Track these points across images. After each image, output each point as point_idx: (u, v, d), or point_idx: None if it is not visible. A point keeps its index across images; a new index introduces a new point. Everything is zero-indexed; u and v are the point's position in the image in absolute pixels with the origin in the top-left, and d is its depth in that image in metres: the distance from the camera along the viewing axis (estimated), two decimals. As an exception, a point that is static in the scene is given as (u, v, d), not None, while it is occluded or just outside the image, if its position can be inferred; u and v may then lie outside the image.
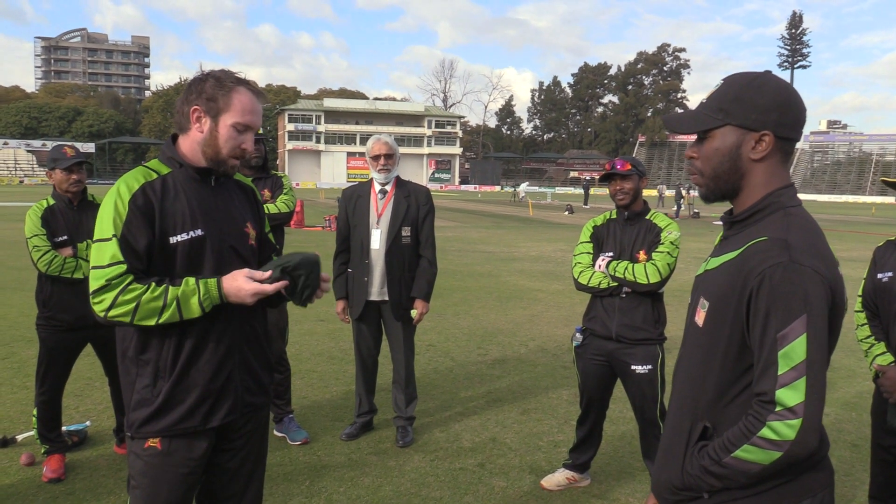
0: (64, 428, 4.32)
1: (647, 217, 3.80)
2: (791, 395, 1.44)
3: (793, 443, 1.43)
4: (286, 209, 4.55)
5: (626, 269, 3.66)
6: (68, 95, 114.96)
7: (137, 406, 2.17)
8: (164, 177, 2.19)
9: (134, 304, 2.03)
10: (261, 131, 4.48)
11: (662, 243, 3.68)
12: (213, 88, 2.16)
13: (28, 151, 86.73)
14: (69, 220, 4.07)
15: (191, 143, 2.22)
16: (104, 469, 4.14)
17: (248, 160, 4.52)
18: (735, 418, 1.56)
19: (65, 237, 4.02)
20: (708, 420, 1.62)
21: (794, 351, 1.44)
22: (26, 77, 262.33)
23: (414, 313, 4.54)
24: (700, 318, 1.67)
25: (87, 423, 4.69)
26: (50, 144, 59.42)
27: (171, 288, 2.07)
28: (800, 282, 1.46)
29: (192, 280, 2.10)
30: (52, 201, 4.10)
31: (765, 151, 1.60)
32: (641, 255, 3.70)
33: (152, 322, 2.06)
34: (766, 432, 1.45)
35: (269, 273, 2.14)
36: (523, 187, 60.08)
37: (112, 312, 2.04)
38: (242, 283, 2.11)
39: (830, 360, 1.51)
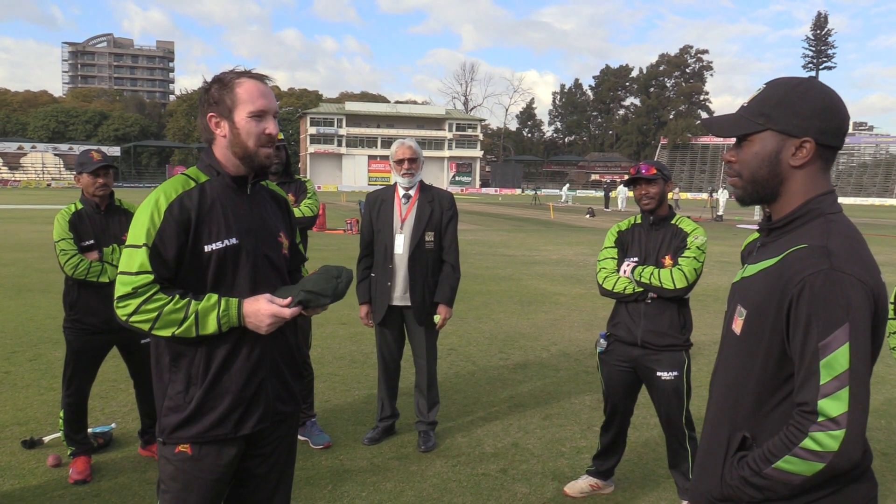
0: (90, 430, 4.37)
1: (673, 222, 3.76)
2: (834, 406, 1.41)
3: (836, 454, 1.41)
4: (310, 213, 4.57)
5: (651, 274, 3.62)
6: (94, 100, 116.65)
7: (169, 412, 2.19)
8: (202, 185, 2.21)
9: (156, 314, 2.06)
10: (281, 136, 4.50)
11: (689, 248, 3.64)
12: (217, 91, 2.20)
13: (55, 155, 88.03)
14: (96, 224, 4.12)
15: (222, 151, 2.24)
16: (129, 471, 4.17)
17: (270, 166, 4.53)
18: (775, 428, 1.54)
19: (91, 241, 4.07)
20: (747, 430, 1.60)
21: (837, 360, 1.42)
22: (54, 82, 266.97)
23: (437, 318, 4.53)
24: (737, 327, 1.64)
25: (113, 425, 4.73)
26: (77, 148, 60.42)
27: (193, 302, 2.09)
28: (841, 290, 1.44)
29: (214, 296, 2.12)
30: (79, 206, 4.15)
31: (805, 158, 1.59)
32: (667, 261, 3.66)
33: (168, 333, 2.09)
34: (808, 443, 1.43)
35: (289, 300, 2.15)
36: (565, 191, 59.52)
37: (134, 318, 2.08)
38: (262, 305, 2.12)
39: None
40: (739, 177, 1.67)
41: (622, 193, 44.49)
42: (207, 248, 2.14)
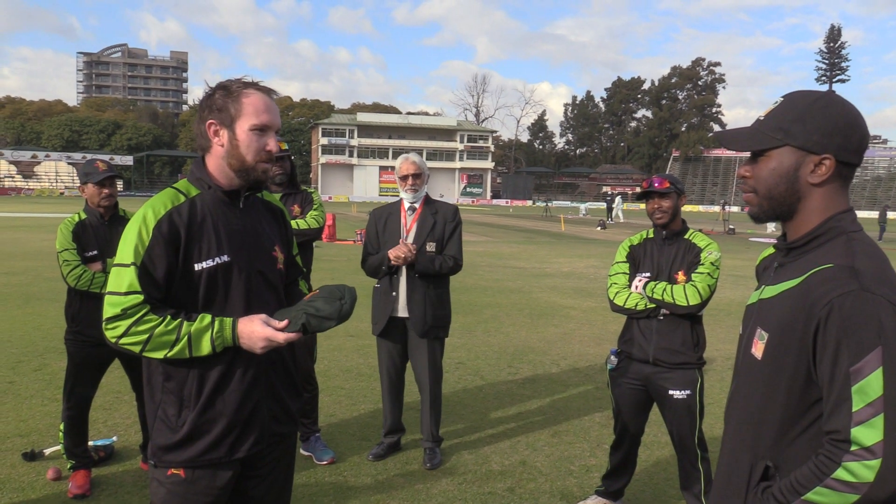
0: (91, 443, 4.31)
1: (686, 236, 3.67)
2: (868, 434, 1.33)
3: (872, 485, 1.32)
4: (316, 225, 4.51)
5: (664, 290, 3.53)
6: (108, 109, 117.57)
7: (161, 434, 2.11)
8: (193, 199, 2.12)
9: (146, 336, 1.99)
10: (285, 146, 4.44)
11: (702, 264, 3.55)
12: (222, 99, 2.11)
13: (69, 164, 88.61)
14: (100, 234, 4.07)
15: (216, 161, 2.15)
16: (129, 485, 4.10)
17: (273, 177, 4.48)
18: (801, 457, 1.46)
19: (95, 252, 4.02)
20: (770, 458, 1.52)
21: (870, 386, 1.34)
22: (69, 91, 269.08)
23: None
24: (758, 351, 1.56)
25: (114, 438, 4.67)
26: (90, 156, 60.79)
27: (185, 323, 2.02)
28: (873, 311, 1.36)
29: (208, 317, 2.04)
30: (83, 216, 4.10)
31: (825, 175, 1.52)
32: (680, 276, 3.57)
33: (161, 355, 2.01)
34: (841, 473, 1.34)
35: (285, 323, 2.06)
36: (583, 208, 58.62)
37: (124, 340, 2.00)
38: (257, 327, 2.03)
39: None
40: (755, 192, 1.60)
41: (618, 205, 45.66)
42: (198, 267, 2.06)
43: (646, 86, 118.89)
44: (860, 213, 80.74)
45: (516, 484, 4.26)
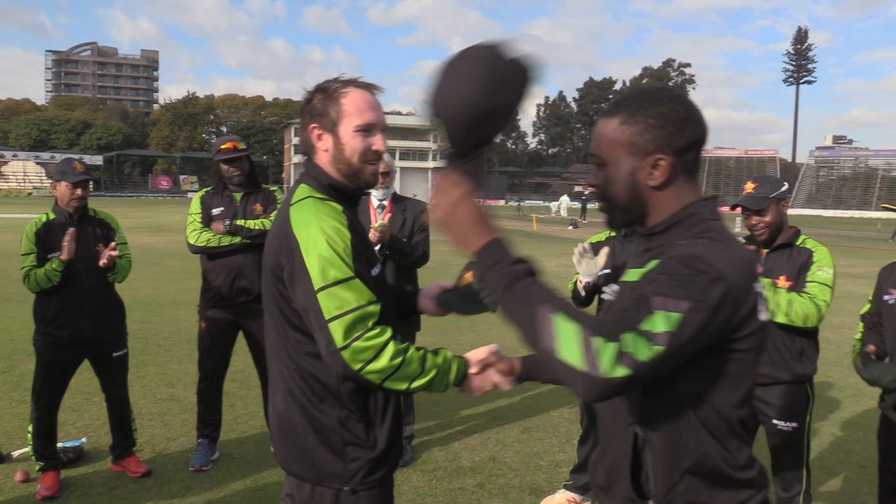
0: (59, 444, 4.29)
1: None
2: (658, 323, 1.29)
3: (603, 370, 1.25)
4: None
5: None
6: (77, 108, 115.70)
7: (352, 457, 1.91)
8: (342, 208, 1.97)
9: (399, 360, 1.80)
10: (242, 146, 4.45)
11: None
12: (321, 102, 2.00)
13: (37, 163, 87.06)
14: (68, 234, 4.04)
15: (325, 167, 2.03)
16: (99, 487, 4.10)
17: (231, 178, 4.47)
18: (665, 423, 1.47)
19: (60, 252, 3.98)
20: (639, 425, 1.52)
21: (665, 318, 1.29)
22: (37, 90, 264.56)
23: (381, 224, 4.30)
24: None
25: (83, 439, 4.65)
26: (59, 157, 59.78)
27: (429, 355, 1.86)
28: (701, 274, 1.33)
29: (447, 352, 1.92)
30: (51, 215, 4.08)
31: (663, 177, 1.49)
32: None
33: (403, 386, 1.82)
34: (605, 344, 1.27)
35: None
36: (560, 203, 58.68)
37: (373, 367, 1.78)
38: (493, 377, 1.96)
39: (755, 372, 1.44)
40: (605, 201, 1.57)
41: (564, 203, 47.36)
42: (374, 272, 1.98)
43: (617, 86, 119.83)
44: (826, 213, 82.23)
45: (486, 479, 4.33)
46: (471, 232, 1.45)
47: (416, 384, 1.82)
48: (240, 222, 4.39)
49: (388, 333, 1.80)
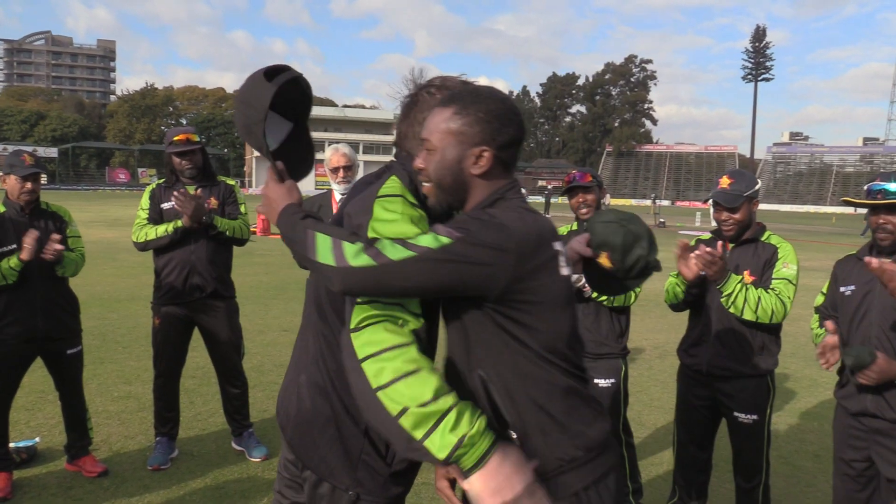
0: (12, 444, 4.16)
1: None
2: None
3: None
4: (246, 237, 4.56)
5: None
6: (31, 99, 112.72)
7: (366, 466, 1.79)
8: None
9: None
10: (196, 138, 4.37)
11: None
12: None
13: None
14: (19, 228, 3.91)
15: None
16: (53, 487, 3.99)
17: (183, 171, 4.38)
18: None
19: (13, 245, 3.86)
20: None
21: (428, 238, 1.52)
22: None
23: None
24: None
25: (37, 439, 4.52)
26: (11, 149, 58.20)
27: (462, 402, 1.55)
28: (483, 221, 1.54)
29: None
30: (2, 209, 3.95)
31: (486, 167, 1.65)
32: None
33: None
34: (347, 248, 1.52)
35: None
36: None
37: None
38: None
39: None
40: (430, 183, 1.68)
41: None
42: None
43: (580, 82, 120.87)
44: (783, 207, 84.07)
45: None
46: (278, 203, 1.75)
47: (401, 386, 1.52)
48: (218, 219, 4.33)
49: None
